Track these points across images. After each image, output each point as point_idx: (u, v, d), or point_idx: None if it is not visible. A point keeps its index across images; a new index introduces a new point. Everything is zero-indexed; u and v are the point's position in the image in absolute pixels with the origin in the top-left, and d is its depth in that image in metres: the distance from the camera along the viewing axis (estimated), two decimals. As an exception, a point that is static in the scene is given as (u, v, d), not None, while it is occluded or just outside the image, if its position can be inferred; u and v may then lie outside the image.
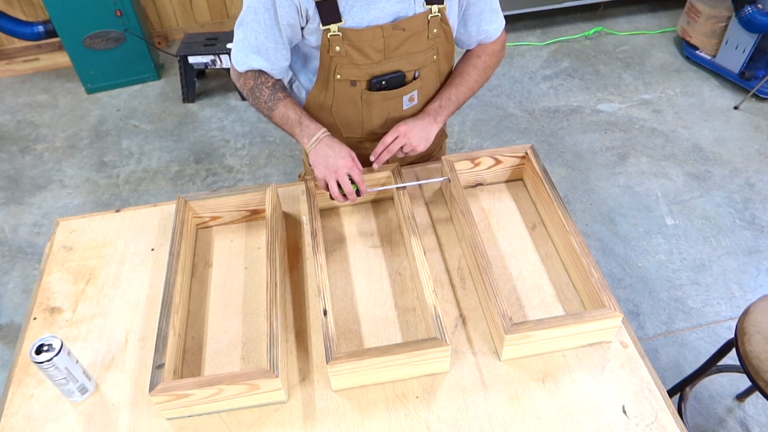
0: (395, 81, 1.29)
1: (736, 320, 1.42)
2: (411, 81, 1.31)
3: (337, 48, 1.20)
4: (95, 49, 3.27)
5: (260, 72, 1.29)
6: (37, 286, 1.27)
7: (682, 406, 1.72)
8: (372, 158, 1.30)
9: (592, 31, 3.70)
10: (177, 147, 3.06)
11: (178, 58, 3.17)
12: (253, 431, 1.00)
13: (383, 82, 1.28)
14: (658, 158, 2.81)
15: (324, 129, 1.27)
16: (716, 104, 3.12)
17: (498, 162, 1.37)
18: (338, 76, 1.26)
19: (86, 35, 3.20)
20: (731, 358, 1.52)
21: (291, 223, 1.36)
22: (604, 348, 1.08)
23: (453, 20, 1.27)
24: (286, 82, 1.38)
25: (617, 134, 2.97)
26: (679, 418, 0.98)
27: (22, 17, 3.46)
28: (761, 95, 3.07)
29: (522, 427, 0.98)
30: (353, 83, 1.27)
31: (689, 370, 1.92)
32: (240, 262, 1.28)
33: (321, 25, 1.16)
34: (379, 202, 1.39)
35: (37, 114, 3.34)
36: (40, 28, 3.26)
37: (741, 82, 3.13)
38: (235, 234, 1.34)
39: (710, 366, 1.61)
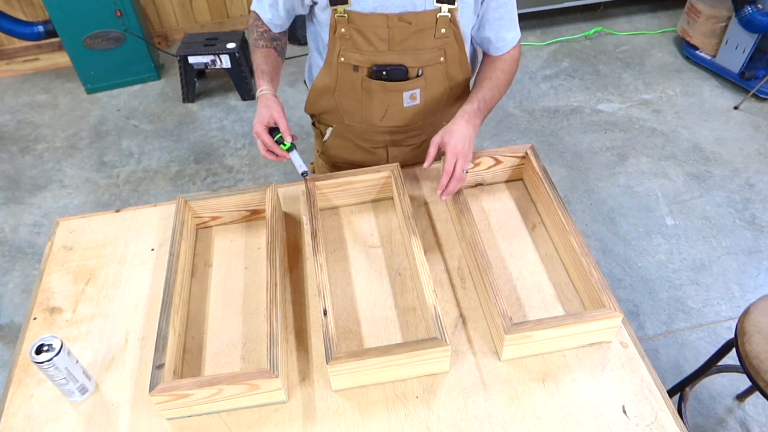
0: (396, 74, 1.29)
1: (736, 320, 1.42)
2: (414, 78, 1.31)
3: (342, 30, 1.22)
4: (95, 49, 3.27)
5: (260, 18, 1.36)
6: (37, 286, 1.27)
7: (682, 406, 1.72)
8: (439, 192, 1.21)
9: (592, 31, 3.70)
10: (177, 147, 3.06)
11: (178, 58, 3.17)
12: (253, 431, 1.00)
13: (384, 73, 1.28)
14: (658, 158, 2.81)
15: (263, 88, 1.28)
16: (716, 104, 3.12)
17: (498, 162, 1.37)
18: (342, 59, 1.27)
19: (86, 35, 3.20)
20: (731, 358, 1.52)
21: (291, 223, 1.36)
22: (604, 348, 1.08)
23: (465, 24, 1.26)
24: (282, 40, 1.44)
25: (617, 134, 2.97)
26: (679, 418, 0.98)
27: (22, 17, 3.46)
28: (761, 95, 3.07)
29: (522, 427, 0.98)
30: (355, 68, 1.29)
31: (689, 370, 1.92)
32: (240, 262, 1.28)
33: (329, 4, 1.19)
34: (379, 202, 1.39)
35: (37, 114, 3.34)
36: (40, 28, 3.25)
37: (741, 82, 3.13)
38: (235, 234, 1.34)
39: (710, 366, 1.61)
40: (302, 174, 1.26)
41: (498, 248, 1.26)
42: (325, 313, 1.04)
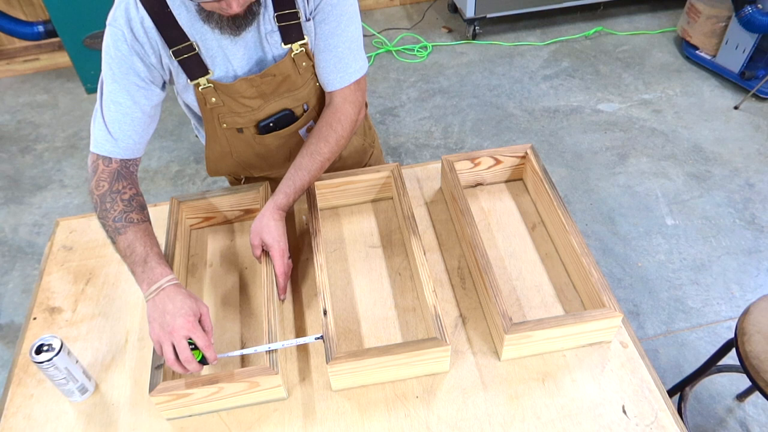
0: (284, 120, 1.26)
1: (736, 320, 1.42)
2: (302, 114, 1.28)
3: (213, 99, 1.18)
4: (95, 49, 3.27)
5: (119, 173, 1.11)
6: (37, 286, 1.27)
7: (682, 406, 1.72)
8: (283, 297, 1.18)
9: (592, 31, 3.70)
10: (177, 147, 3.06)
11: (178, 58, 3.16)
12: (253, 431, 1.00)
13: (271, 124, 1.26)
14: (658, 158, 2.81)
15: (171, 276, 1.01)
16: (716, 104, 3.12)
17: (498, 162, 1.37)
18: (224, 125, 1.24)
19: (86, 35, 3.20)
20: (731, 358, 1.52)
21: (291, 223, 1.36)
22: (604, 348, 1.08)
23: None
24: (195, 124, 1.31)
25: (617, 134, 2.97)
26: (679, 418, 0.98)
27: (22, 17, 3.46)
28: (761, 95, 3.07)
29: (522, 427, 0.98)
30: (240, 130, 1.25)
31: (689, 370, 1.92)
32: (239, 262, 1.28)
33: (189, 81, 1.13)
34: (379, 202, 1.39)
35: (37, 114, 3.34)
36: (40, 28, 3.26)
37: (741, 82, 3.13)
38: (233, 234, 1.34)
39: (710, 366, 1.61)
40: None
41: (498, 248, 1.26)
42: (325, 313, 1.04)
